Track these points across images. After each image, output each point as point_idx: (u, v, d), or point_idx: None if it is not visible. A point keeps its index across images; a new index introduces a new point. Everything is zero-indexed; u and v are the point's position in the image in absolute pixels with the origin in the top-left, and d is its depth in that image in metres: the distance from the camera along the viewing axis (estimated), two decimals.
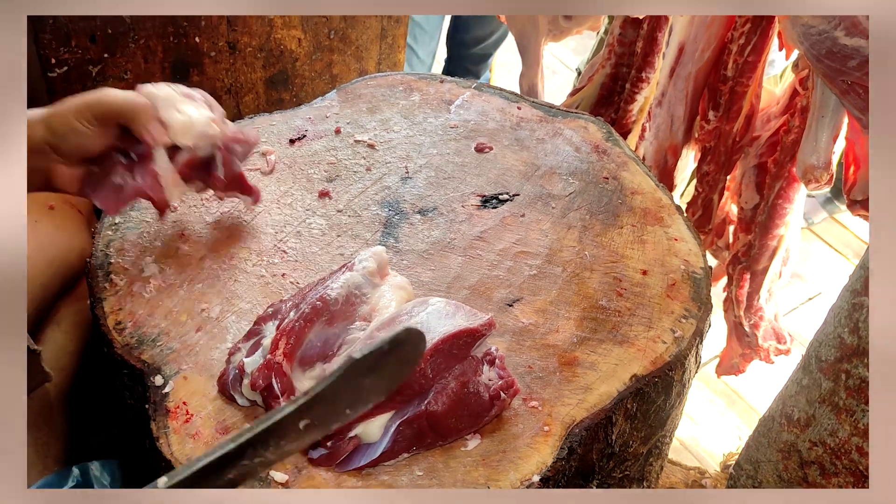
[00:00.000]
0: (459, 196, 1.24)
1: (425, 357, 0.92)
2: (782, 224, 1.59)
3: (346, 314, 0.98)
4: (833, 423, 0.93)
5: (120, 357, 1.00)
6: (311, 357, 0.96)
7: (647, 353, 1.05)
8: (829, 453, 0.94)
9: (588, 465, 1.00)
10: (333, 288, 0.98)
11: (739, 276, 1.68)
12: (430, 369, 0.93)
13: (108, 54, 1.46)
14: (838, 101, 1.30)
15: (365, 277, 1.00)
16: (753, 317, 1.70)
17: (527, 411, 0.98)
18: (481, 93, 1.42)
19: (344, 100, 1.38)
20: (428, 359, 0.92)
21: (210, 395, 0.97)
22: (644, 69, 1.66)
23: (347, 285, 0.99)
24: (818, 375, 0.95)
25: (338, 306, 0.98)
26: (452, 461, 0.93)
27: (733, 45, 1.51)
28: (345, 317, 0.98)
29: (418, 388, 0.93)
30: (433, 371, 0.93)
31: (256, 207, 1.18)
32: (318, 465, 0.90)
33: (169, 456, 0.91)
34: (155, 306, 1.05)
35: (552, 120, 1.38)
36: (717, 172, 1.67)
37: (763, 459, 1.06)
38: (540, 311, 1.09)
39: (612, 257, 1.17)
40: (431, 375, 0.93)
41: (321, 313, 0.96)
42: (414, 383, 0.92)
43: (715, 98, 1.58)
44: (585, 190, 1.27)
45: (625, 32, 1.67)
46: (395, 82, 1.43)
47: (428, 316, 0.96)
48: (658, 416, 1.08)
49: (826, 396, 0.93)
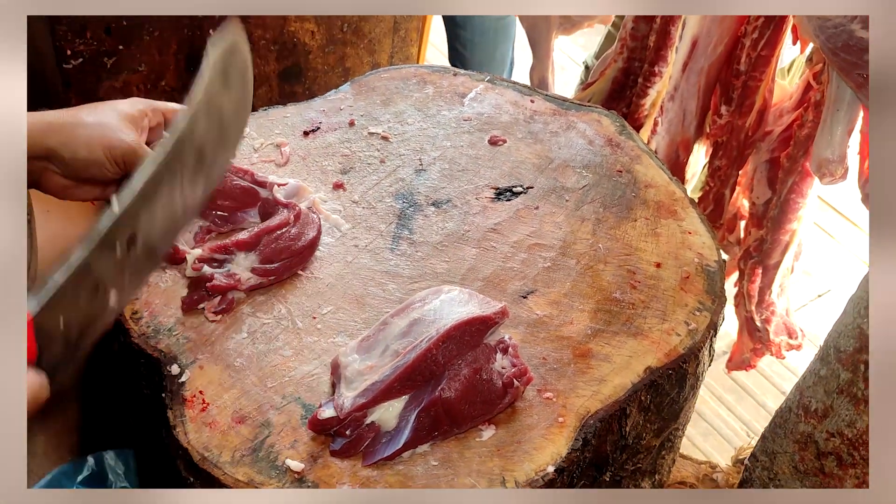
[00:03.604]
0: (473, 188, 1.24)
1: (437, 342, 0.93)
2: (795, 219, 1.59)
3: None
4: (851, 414, 0.93)
5: (137, 346, 1.00)
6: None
7: (661, 346, 1.05)
8: (846, 444, 0.94)
9: (602, 456, 1.00)
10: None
11: (751, 270, 1.68)
12: (442, 355, 0.93)
13: (122, 46, 1.46)
14: (853, 94, 1.29)
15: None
16: (765, 312, 1.70)
17: (541, 402, 0.98)
18: (494, 86, 1.42)
19: (358, 92, 1.39)
20: (440, 345, 0.93)
21: (226, 384, 0.97)
22: (657, 63, 1.65)
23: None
24: (836, 366, 0.95)
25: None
26: (468, 451, 0.93)
27: (746, 40, 1.51)
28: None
29: (429, 374, 0.94)
30: (445, 357, 0.94)
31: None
32: (341, 456, 0.91)
33: (186, 444, 0.91)
34: (171, 296, 1.05)
35: (565, 113, 1.38)
36: (729, 167, 1.67)
37: (779, 451, 1.07)
38: (554, 302, 1.09)
39: (626, 250, 1.17)
40: (443, 361, 0.94)
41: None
42: (425, 368, 0.93)
43: (727, 92, 1.58)
44: (599, 183, 1.27)
45: (637, 26, 1.67)
46: (408, 75, 1.43)
47: (441, 303, 0.97)
48: (671, 409, 1.09)
49: (844, 387, 0.93)
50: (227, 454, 0.91)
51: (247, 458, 0.91)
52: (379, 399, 0.92)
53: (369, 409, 0.92)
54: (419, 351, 0.94)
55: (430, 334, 0.95)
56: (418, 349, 0.94)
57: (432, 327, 0.96)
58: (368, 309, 1.06)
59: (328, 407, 0.93)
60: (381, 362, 0.96)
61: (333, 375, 0.97)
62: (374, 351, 0.97)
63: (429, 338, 0.94)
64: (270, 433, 0.93)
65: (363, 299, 1.08)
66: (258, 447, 0.92)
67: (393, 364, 0.94)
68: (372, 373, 0.94)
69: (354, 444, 0.91)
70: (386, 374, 0.93)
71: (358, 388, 0.93)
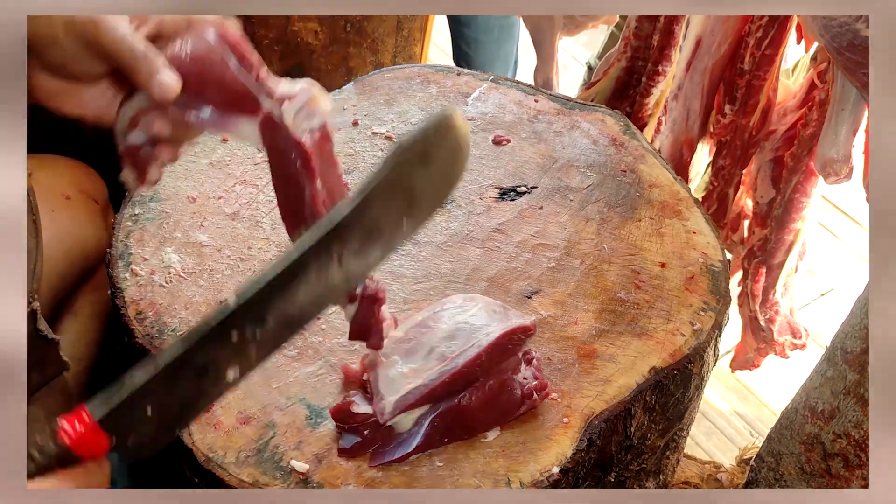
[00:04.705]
0: (477, 188, 1.24)
1: (487, 349, 0.92)
2: (799, 218, 1.59)
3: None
4: (858, 415, 0.93)
5: (141, 346, 1.00)
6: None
7: (665, 346, 1.05)
8: (853, 445, 0.94)
9: (607, 457, 1.00)
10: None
11: (755, 270, 1.68)
12: (489, 362, 0.93)
13: None
14: (859, 94, 1.29)
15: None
16: (769, 311, 1.69)
17: (546, 403, 0.98)
18: (498, 85, 1.42)
19: (361, 92, 1.38)
20: (490, 351, 0.92)
21: None
22: (660, 62, 1.65)
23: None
24: (843, 367, 0.95)
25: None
26: (472, 452, 0.93)
27: (750, 39, 1.51)
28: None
29: (473, 380, 0.93)
30: (490, 364, 0.93)
31: (275, 199, 1.18)
32: (349, 455, 0.91)
33: (190, 445, 0.91)
34: (175, 296, 1.05)
35: (569, 113, 1.38)
36: (732, 166, 1.67)
37: (785, 452, 1.06)
38: (558, 303, 1.09)
39: (631, 250, 1.17)
40: (487, 368, 0.93)
41: None
42: (471, 375, 0.92)
43: (731, 92, 1.58)
44: (603, 182, 1.27)
45: (641, 26, 1.67)
46: (412, 74, 1.43)
47: (479, 311, 0.96)
48: (676, 409, 1.08)
49: (851, 388, 0.93)
50: (231, 455, 0.91)
51: (251, 458, 0.91)
52: (420, 403, 0.91)
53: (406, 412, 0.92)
54: (469, 357, 0.92)
55: (479, 340, 0.93)
56: (467, 355, 0.92)
57: (480, 333, 0.94)
58: None
59: (362, 402, 0.92)
60: (426, 366, 0.94)
61: (369, 375, 0.95)
62: (418, 354, 0.95)
63: (478, 344, 0.93)
64: (275, 434, 0.93)
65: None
66: (263, 448, 0.92)
67: (439, 368, 0.93)
68: (416, 376, 0.93)
69: (366, 444, 0.91)
70: (432, 377, 0.92)
71: (400, 392, 0.92)
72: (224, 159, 1.24)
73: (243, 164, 1.23)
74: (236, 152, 1.25)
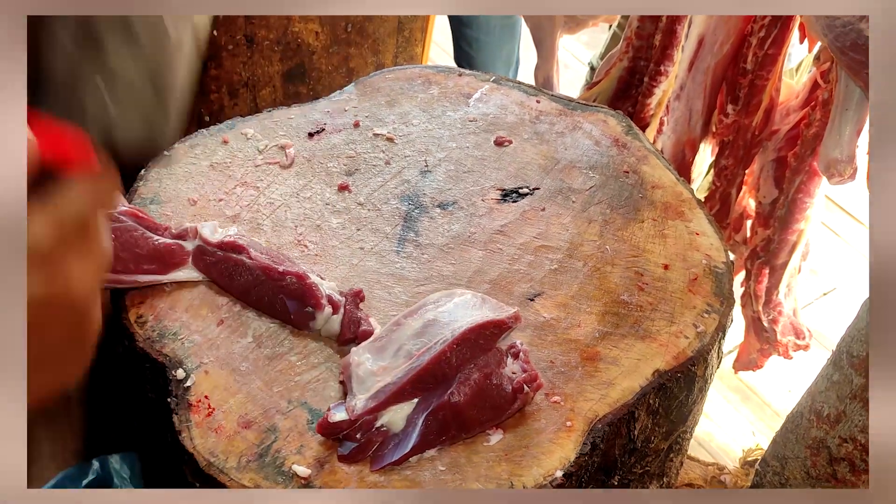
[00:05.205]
0: (479, 190, 1.23)
1: (452, 345, 0.93)
2: (802, 219, 1.58)
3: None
4: (864, 420, 0.92)
5: (142, 350, 1.00)
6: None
7: (669, 349, 1.04)
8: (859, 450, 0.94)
9: (610, 460, 0.99)
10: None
11: (758, 270, 1.67)
12: (456, 358, 0.93)
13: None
14: (862, 94, 1.28)
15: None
16: (772, 312, 1.69)
17: (549, 406, 0.97)
18: (500, 86, 1.42)
19: (362, 93, 1.38)
20: (454, 348, 0.93)
21: (232, 389, 0.97)
22: (662, 62, 1.64)
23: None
24: (849, 371, 0.94)
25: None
26: (475, 456, 0.92)
27: (753, 38, 1.50)
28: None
29: (442, 377, 0.93)
30: (458, 360, 0.93)
31: (276, 201, 1.18)
32: (349, 461, 0.90)
33: (192, 449, 0.91)
34: (176, 300, 1.05)
35: (571, 113, 1.37)
36: (735, 167, 1.66)
37: (791, 456, 1.06)
38: (561, 305, 1.09)
39: (634, 252, 1.16)
40: (456, 364, 0.93)
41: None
42: (438, 371, 0.92)
43: (734, 91, 1.57)
44: (606, 184, 1.26)
45: (643, 25, 1.66)
46: (413, 75, 1.42)
47: (455, 306, 0.96)
48: (680, 412, 1.08)
49: (857, 392, 0.92)
50: (233, 459, 0.90)
51: (253, 463, 0.90)
52: (391, 401, 0.92)
53: (380, 411, 0.91)
54: (433, 353, 0.93)
55: (445, 336, 0.94)
56: (432, 351, 0.93)
57: (446, 329, 0.95)
58: (374, 312, 1.06)
59: (339, 410, 0.92)
60: (394, 363, 0.95)
61: (343, 375, 0.96)
62: (387, 352, 0.96)
63: (443, 340, 0.94)
64: (277, 438, 0.92)
65: (369, 302, 1.07)
66: (264, 452, 0.91)
67: (406, 366, 0.94)
68: (385, 374, 0.94)
69: (364, 448, 0.90)
70: (399, 375, 0.93)
71: (370, 390, 0.92)
72: (225, 161, 1.23)
73: (244, 167, 1.23)
74: (237, 154, 1.24)
